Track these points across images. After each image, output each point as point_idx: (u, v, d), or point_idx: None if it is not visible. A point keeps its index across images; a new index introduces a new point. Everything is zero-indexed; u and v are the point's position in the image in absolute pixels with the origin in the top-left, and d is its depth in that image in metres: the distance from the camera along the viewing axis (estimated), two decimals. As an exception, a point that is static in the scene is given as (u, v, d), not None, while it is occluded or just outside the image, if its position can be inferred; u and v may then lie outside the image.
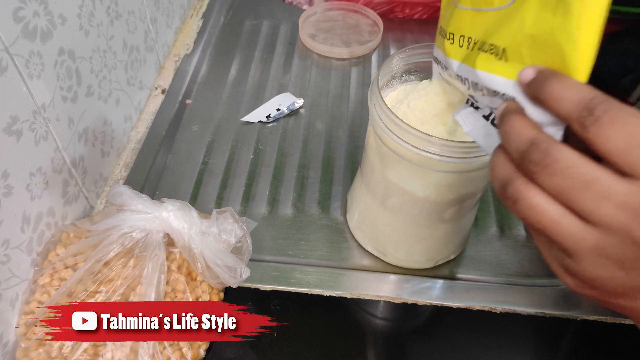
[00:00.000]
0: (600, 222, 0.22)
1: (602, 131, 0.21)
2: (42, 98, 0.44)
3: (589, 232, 0.22)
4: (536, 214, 0.23)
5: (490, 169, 0.26)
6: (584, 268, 0.23)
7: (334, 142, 0.64)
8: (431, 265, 0.51)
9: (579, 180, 0.22)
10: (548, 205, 0.23)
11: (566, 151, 0.22)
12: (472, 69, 0.30)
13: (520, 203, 0.24)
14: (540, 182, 0.23)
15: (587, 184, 0.22)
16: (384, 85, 0.46)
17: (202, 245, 0.43)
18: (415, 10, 0.83)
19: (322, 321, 0.48)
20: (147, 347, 0.40)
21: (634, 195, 0.21)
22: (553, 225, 0.23)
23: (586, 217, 0.22)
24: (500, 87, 0.27)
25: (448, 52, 0.34)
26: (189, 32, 0.78)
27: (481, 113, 0.31)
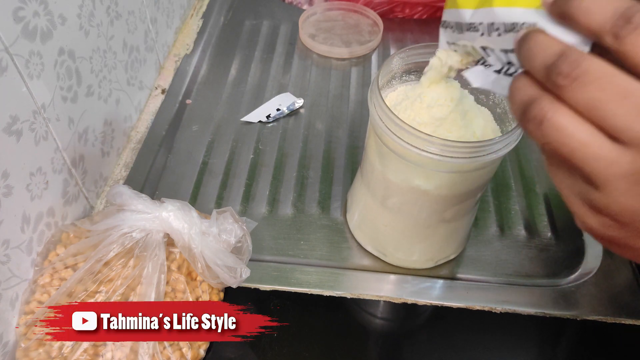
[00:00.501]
0: (636, 139, 0.19)
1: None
2: (42, 98, 0.44)
3: (623, 153, 0.20)
4: (564, 136, 0.21)
5: (509, 94, 0.23)
6: (614, 199, 0.21)
7: (334, 142, 0.64)
8: (431, 265, 0.51)
9: (614, 92, 0.19)
10: (577, 125, 0.20)
11: (599, 62, 0.20)
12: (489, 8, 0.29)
13: (546, 124, 0.21)
14: (570, 97, 0.20)
15: (623, 95, 0.19)
16: (384, 85, 0.46)
17: (202, 245, 0.43)
18: (415, 10, 0.83)
19: (322, 321, 0.48)
20: (147, 347, 0.40)
21: None
22: (582, 148, 0.20)
23: (620, 136, 0.20)
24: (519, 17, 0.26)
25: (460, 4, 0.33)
26: (189, 32, 0.78)
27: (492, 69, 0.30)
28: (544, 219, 0.56)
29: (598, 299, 0.49)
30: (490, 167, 0.42)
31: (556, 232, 0.55)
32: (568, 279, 0.51)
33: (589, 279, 0.51)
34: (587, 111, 0.20)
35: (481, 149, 0.37)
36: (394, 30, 0.81)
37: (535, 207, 0.57)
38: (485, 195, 0.58)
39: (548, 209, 0.57)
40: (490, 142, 0.36)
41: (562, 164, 0.22)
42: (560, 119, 0.21)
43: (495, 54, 0.29)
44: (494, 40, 0.29)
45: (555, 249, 0.54)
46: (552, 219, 0.56)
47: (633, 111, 0.19)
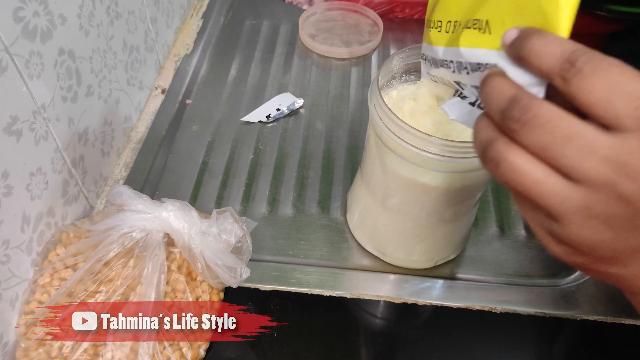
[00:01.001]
0: (584, 178, 0.21)
1: (583, 82, 0.20)
2: (42, 98, 0.44)
3: (574, 190, 0.21)
4: (519, 176, 0.22)
5: (472, 134, 0.25)
6: (572, 231, 0.22)
7: (334, 142, 0.64)
8: (431, 265, 0.51)
9: (561, 135, 0.21)
10: (531, 165, 0.22)
11: (547, 106, 0.21)
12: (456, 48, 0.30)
13: (502, 165, 0.23)
14: (522, 140, 0.22)
15: (569, 137, 0.21)
16: (384, 85, 0.46)
17: (202, 245, 0.43)
18: (415, 10, 0.83)
19: (322, 321, 0.48)
20: (147, 347, 0.40)
21: (617, 147, 0.20)
22: (537, 186, 0.22)
23: (570, 175, 0.21)
24: (482, 58, 0.27)
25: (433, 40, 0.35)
26: (189, 32, 0.78)
27: (467, 101, 0.31)
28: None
29: (598, 299, 0.49)
30: (490, 167, 0.42)
31: (556, 232, 0.55)
32: (568, 279, 0.51)
33: (589, 279, 0.51)
34: (539, 152, 0.22)
35: (481, 149, 0.37)
36: (394, 30, 0.81)
37: (535, 207, 0.57)
38: (485, 195, 0.58)
39: (548, 209, 0.57)
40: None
41: (525, 199, 0.23)
42: (516, 159, 0.22)
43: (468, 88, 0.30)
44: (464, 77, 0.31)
45: (555, 249, 0.54)
46: (552, 219, 0.56)
47: (579, 152, 0.20)
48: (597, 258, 0.23)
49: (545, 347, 0.47)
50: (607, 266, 0.24)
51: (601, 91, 0.20)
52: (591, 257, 0.23)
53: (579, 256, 0.24)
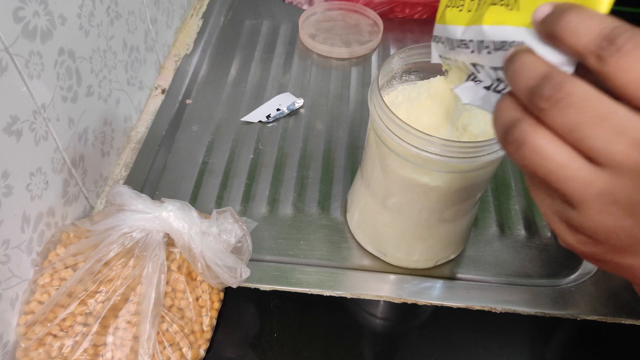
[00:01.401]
0: (612, 161, 0.20)
1: (622, 61, 0.19)
2: (42, 98, 0.44)
3: (599, 175, 0.20)
4: (542, 158, 0.21)
5: (493, 115, 0.24)
6: (590, 218, 0.21)
7: (334, 142, 0.64)
8: (431, 265, 0.51)
9: (593, 115, 0.20)
10: (556, 147, 0.21)
11: (581, 85, 0.20)
12: (479, 26, 0.29)
13: (526, 147, 0.21)
14: (551, 120, 0.21)
15: (601, 118, 0.20)
16: (384, 85, 0.46)
17: (202, 245, 0.43)
18: (415, 10, 0.83)
19: (322, 321, 0.48)
20: (147, 347, 0.40)
21: None
22: (560, 169, 0.21)
23: (596, 158, 0.20)
24: (508, 36, 0.26)
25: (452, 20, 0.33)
26: (189, 32, 0.78)
27: (482, 85, 0.30)
28: (544, 219, 0.56)
29: (598, 299, 0.49)
30: (490, 167, 0.42)
31: (556, 232, 0.55)
32: (568, 279, 0.51)
33: (588, 279, 0.51)
34: (566, 133, 0.21)
35: (481, 149, 0.37)
36: (394, 30, 0.81)
37: (535, 207, 0.57)
38: (485, 195, 0.58)
39: (548, 209, 0.57)
40: (490, 142, 0.36)
41: (542, 185, 0.23)
42: (540, 141, 0.21)
43: (485, 70, 0.29)
44: (483, 58, 0.29)
45: (555, 249, 0.54)
46: (552, 219, 0.56)
47: (610, 133, 0.20)
48: (612, 247, 0.23)
49: (545, 347, 0.47)
50: (622, 256, 0.23)
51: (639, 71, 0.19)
52: (606, 247, 0.23)
53: (593, 246, 0.23)
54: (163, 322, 0.42)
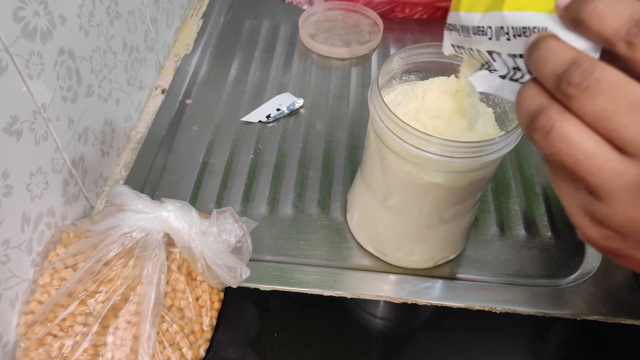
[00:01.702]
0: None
1: None
2: (42, 98, 0.44)
3: (630, 166, 0.20)
4: (571, 147, 0.20)
5: (516, 102, 0.23)
6: (617, 211, 0.21)
7: (334, 142, 0.64)
8: (431, 265, 0.51)
9: (625, 102, 0.19)
10: (585, 136, 0.20)
11: (612, 71, 0.19)
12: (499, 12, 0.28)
13: (553, 134, 0.21)
14: (579, 107, 0.20)
15: (633, 106, 0.19)
16: (384, 85, 0.46)
17: (202, 245, 0.43)
18: (415, 10, 0.83)
19: (322, 321, 0.48)
20: (147, 347, 0.40)
21: None
22: (588, 159, 0.20)
23: (628, 148, 0.19)
24: (530, 21, 0.25)
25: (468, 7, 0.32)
26: (189, 32, 0.78)
27: (497, 74, 0.29)
28: (544, 219, 0.56)
29: (598, 299, 0.49)
30: (490, 167, 0.42)
31: (556, 232, 0.55)
32: (568, 279, 0.51)
33: (588, 278, 0.51)
34: (596, 122, 0.20)
35: (481, 149, 0.37)
36: (394, 30, 0.81)
37: (536, 207, 0.57)
38: (485, 195, 0.58)
39: (548, 209, 0.57)
40: (490, 142, 0.36)
41: (566, 176, 0.22)
42: (568, 129, 0.20)
43: (502, 58, 0.29)
44: (502, 45, 0.28)
45: (555, 249, 0.54)
46: (552, 219, 0.56)
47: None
48: (637, 242, 0.22)
49: (545, 347, 0.47)
50: None
51: None
52: (631, 241, 0.22)
53: (617, 240, 0.22)
54: (163, 322, 0.42)
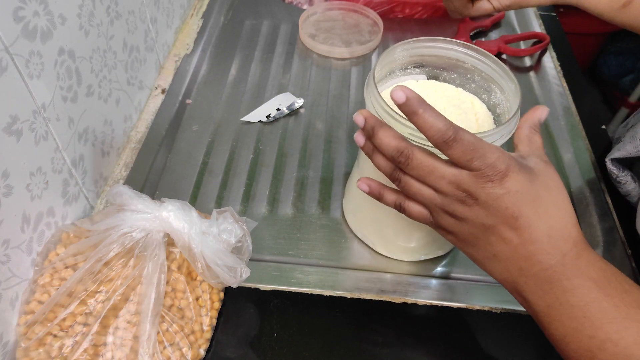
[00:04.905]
0: (441, 190, 0.36)
1: (451, 152, 0.34)
2: (42, 98, 0.44)
3: (437, 196, 0.36)
4: (410, 187, 0.37)
5: (375, 164, 0.39)
6: (437, 220, 0.38)
7: (334, 142, 0.64)
8: (417, 259, 0.51)
9: (428, 170, 0.35)
10: (415, 183, 0.37)
11: (419, 154, 0.35)
12: None
13: (402, 182, 0.38)
14: (408, 171, 0.37)
15: (432, 171, 0.35)
16: (386, 76, 0.46)
17: (202, 245, 0.43)
18: (415, 10, 0.83)
19: (322, 321, 0.48)
20: (147, 347, 0.40)
21: (456, 175, 0.34)
22: (418, 192, 0.37)
23: (435, 188, 0.36)
24: None
25: None
26: (189, 32, 0.78)
27: None
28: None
29: (598, 299, 0.49)
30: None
31: (556, 232, 0.55)
32: (568, 279, 0.51)
33: (589, 279, 0.51)
34: (417, 178, 0.37)
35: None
36: (394, 30, 0.82)
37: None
38: (485, 195, 0.58)
39: (548, 209, 0.57)
40: (485, 134, 0.37)
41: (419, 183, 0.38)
42: (408, 181, 0.38)
43: None
44: None
45: (555, 249, 0.54)
46: (552, 219, 0.56)
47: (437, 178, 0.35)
48: (460, 239, 0.38)
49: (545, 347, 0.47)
50: (468, 248, 0.38)
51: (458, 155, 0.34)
52: (456, 238, 0.38)
53: (448, 235, 0.38)
54: (163, 322, 0.42)
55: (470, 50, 0.45)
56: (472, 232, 0.36)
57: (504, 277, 0.37)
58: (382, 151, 0.37)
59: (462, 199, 0.35)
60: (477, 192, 0.34)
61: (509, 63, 0.77)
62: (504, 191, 0.33)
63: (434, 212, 0.38)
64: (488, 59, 0.44)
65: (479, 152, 0.33)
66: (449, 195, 0.35)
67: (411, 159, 0.35)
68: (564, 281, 0.34)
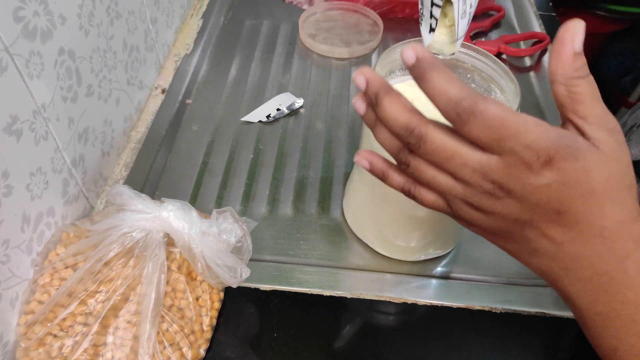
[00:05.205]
0: (462, 179, 0.29)
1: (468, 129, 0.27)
2: (42, 98, 0.44)
3: (457, 186, 0.29)
4: (422, 174, 0.30)
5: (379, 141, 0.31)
6: (457, 211, 0.31)
7: (334, 142, 0.64)
8: (417, 259, 0.51)
9: (446, 156, 0.28)
10: (430, 169, 0.30)
11: (435, 134, 0.28)
12: None
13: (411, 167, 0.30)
14: (421, 155, 0.29)
15: (452, 157, 0.28)
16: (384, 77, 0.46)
17: (202, 245, 0.43)
18: (415, 10, 0.83)
19: (322, 321, 0.48)
20: (147, 347, 0.40)
21: (483, 163, 0.27)
22: (432, 181, 0.30)
23: (455, 176, 0.29)
24: None
25: None
26: (189, 32, 0.78)
27: None
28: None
29: (598, 299, 0.49)
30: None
31: (556, 232, 0.55)
32: (568, 279, 0.51)
33: (589, 279, 0.51)
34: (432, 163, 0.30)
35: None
36: (394, 30, 0.81)
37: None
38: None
39: (548, 209, 0.57)
40: None
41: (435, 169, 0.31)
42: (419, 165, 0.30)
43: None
44: None
45: (555, 249, 0.54)
46: (552, 219, 0.56)
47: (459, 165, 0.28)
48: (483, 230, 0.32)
49: (545, 347, 0.47)
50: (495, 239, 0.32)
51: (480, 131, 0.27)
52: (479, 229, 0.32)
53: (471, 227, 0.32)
54: (163, 322, 0.42)
55: (470, 50, 0.45)
56: (503, 226, 0.30)
57: (544, 270, 0.30)
58: (388, 127, 0.30)
59: (491, 192, 0.28)
60: (511, 183, 0.27)
61: (509, 63, 0.77)
62: (546, 181, 0.26)
63: (452, 203, 0.31)
64: (488, 59, 0.44)
65: (510, 130, 0.26)
66: (473, 186, 0.28)
67: (425, 141, 0.28)
68: (627, 292, 0.27)
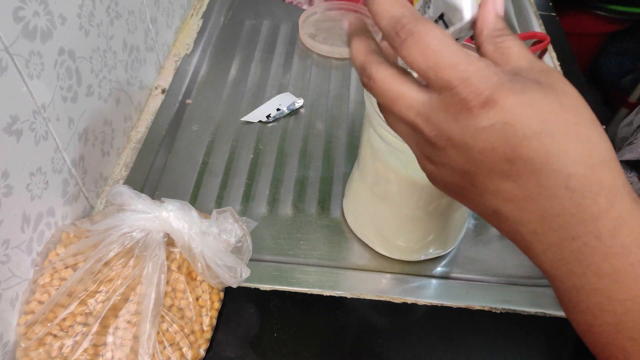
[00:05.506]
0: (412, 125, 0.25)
1: (406, 51, 0.24)
2: (42, 98, 0.44)
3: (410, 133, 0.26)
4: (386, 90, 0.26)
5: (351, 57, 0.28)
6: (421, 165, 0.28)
7: (334, 142, 0.64)
8: (417, 259, 0.51)
9: (392, 97, 0.25)
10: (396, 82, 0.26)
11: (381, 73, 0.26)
12: None
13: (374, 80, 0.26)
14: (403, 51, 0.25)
15: (397, 99, 0.25)
16: None
17: (202, 245, 0.43)
18: (415, 10, 0.83)
19: (322, 321, 0.48)
20: (147, 347, 0.40)
21: (425, 103, 0.24)
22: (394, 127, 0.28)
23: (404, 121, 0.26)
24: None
25: None
26: (189, 32, 0.78)
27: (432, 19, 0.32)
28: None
29: (598, 299, 0.49)
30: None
31: (556, 232, 0.55)
32: (568, 279, 0.51)
33: (589, 279, 0.51)
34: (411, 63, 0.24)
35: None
36: (394, 30, 0.81)
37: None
38: (485, 195, 0.58)
39: (548, 209, 0.57)
40: None
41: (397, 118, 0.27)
42: (383, 76, 0.26)
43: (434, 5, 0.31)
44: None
45: (555, 249, 0.54)
46: (552, 219, 0.56)
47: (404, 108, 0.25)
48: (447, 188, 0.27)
49: (546, 347, 0.47)
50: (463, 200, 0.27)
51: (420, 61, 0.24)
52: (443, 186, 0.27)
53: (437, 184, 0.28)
54: (163, 322, 0.42)
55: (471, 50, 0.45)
56: (455, 181, 0.26)
57: (514, 237, 0.26)
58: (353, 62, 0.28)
59: (434, 139, 0.24)
60: (450, 127, 0.24)
61: (509, 63, 0.77)
62: (487, 122, 0.22)
63: (415, 154, 0.27)
64: None
65: (448, 58, 0.23)
66: (422, 132, 0.25)
67: (374, 81, 0.26)
68: (601, 263, 0.23)
